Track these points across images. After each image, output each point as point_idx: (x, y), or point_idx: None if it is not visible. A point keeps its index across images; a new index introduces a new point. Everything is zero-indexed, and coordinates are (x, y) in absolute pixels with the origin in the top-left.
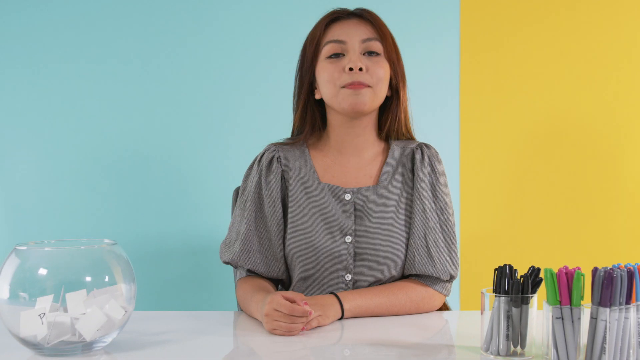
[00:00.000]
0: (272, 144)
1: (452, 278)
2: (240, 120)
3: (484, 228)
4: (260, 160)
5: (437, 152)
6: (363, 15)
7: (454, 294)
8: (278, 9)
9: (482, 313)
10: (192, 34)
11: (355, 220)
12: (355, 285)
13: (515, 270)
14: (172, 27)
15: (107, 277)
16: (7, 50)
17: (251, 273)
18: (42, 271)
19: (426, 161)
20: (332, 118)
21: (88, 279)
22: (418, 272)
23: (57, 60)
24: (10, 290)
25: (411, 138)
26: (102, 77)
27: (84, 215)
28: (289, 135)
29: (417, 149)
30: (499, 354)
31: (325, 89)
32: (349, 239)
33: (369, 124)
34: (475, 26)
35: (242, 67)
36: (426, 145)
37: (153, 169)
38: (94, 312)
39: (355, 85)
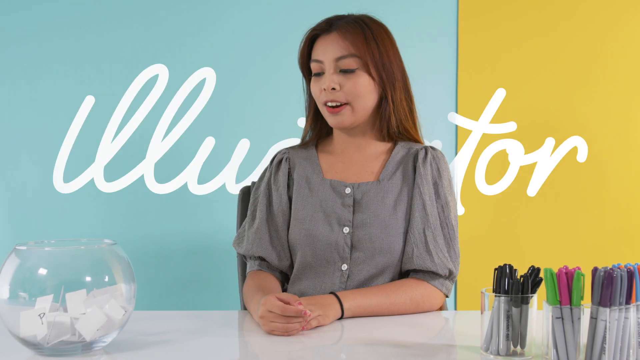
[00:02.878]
0: (285, 148)
1: (451, 274)
2: (242, 121)
3: (483, 228)
4: (272, 163)
5: (443, 155)
6: (341, 30)
7: (451, 294)
8: (286, 9)
9: (482, 313)
10: (194, 34)
11: (353, 212)
12: (350, 276)
13: (515, 270)
14: (174, 28)
15: (107, 277)
16: (9, 50)
17: (263, 264)
18: (42, 271)
19: (429, 160)
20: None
21: (88, 279)
22: (416, 267)
23: (58, 60)
24: (10, 290)
25: (417, 139)
26: (103, 77)
27: (83, 215)
28: (293, 135)
29: (422, 149)
30: (498, 354)
31: (316, 104)
32: (346, 229)
33: (367, 128)
34: (473, 27)
35: (247, 67)
36: (432, 147)
37: (156, 169)
38: (94, 312)
39: (332, 110)
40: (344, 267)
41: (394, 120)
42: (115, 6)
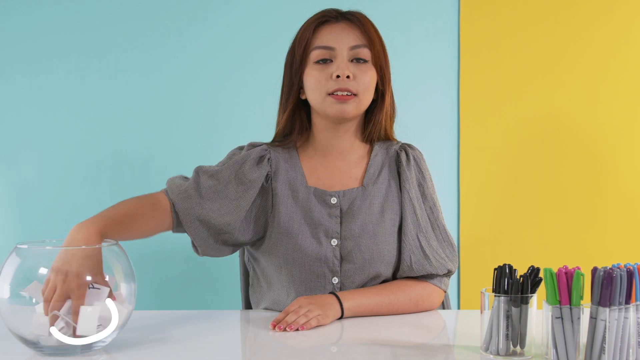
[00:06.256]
0: (264, 143)
1: (449, 272)
2: (241, 122)
3: (483, 228)
4: (250, 151)
5: (420, 152)
6: (352, 20)
7: (454, 293)
8: (270, 8)
9: (481, 313)
10: (191, 38)
11: (341, 223)
12: (342, 289)
13: (515, 270)
14: (174, 30)
15: (107, 276)
16: (12, 52)
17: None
18: (43, 270)
19: (412, 162)
20: (317, 121)
21: (88, 278)
22: (416, 274)
23: (61, 61)
24: (10, 290)
25: (392, 138)
26: (106, 80)
27: (86, 215)
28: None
29: (401, 150)
30: (498, 354)
31: (312, 95)
32: (334, 242)
33: (353, 127)
34: (474, 27)
35: (241, 68)
36: (409, 145)
37: (154, 169)
38: (93, 311)
39: (340, 97)
40: (335, 280)
41: (383, 123)
42: (115, 10)
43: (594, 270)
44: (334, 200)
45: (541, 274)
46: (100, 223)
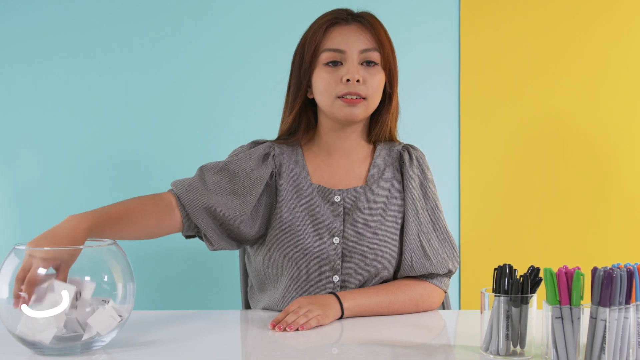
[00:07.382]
0: (269, 141)
1: (450, 272)
2: (242, 121)
3: (484, 228)
4: (255, 148)
5: (423, 153)
6: (363, 22)
7: (454, 293)
8: (270, 7)
9: (481, 313)
10: (191, 38)
11: (343, 221)
12: (343, 287)
13: (515, 270)
14: (175, 30)
15: (106, 276)
16: (12, 52)
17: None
18: (41, 271)
19: (414, 162)
20: (324, 121)
21: (87, 278)
22: (417, 273)
23: (61, 61)
24: (9, 290)
25: (394, 140)
26: (106, 80)
27: None
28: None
29: (403, 150)
30: (498, 354)
31: (321, 97)
32: (336, 240)
33: (360, 128)
34: (475, 27)
35: (241, 68)
36: (412, 146)
37: (156, 169)
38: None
39: (350, 101)
40: (336, 278)
41: (389, 125)
42: (115, 10)
43: (594, 270)
44: (337, 198)
45: (541, 274)
46: (91, 219)
